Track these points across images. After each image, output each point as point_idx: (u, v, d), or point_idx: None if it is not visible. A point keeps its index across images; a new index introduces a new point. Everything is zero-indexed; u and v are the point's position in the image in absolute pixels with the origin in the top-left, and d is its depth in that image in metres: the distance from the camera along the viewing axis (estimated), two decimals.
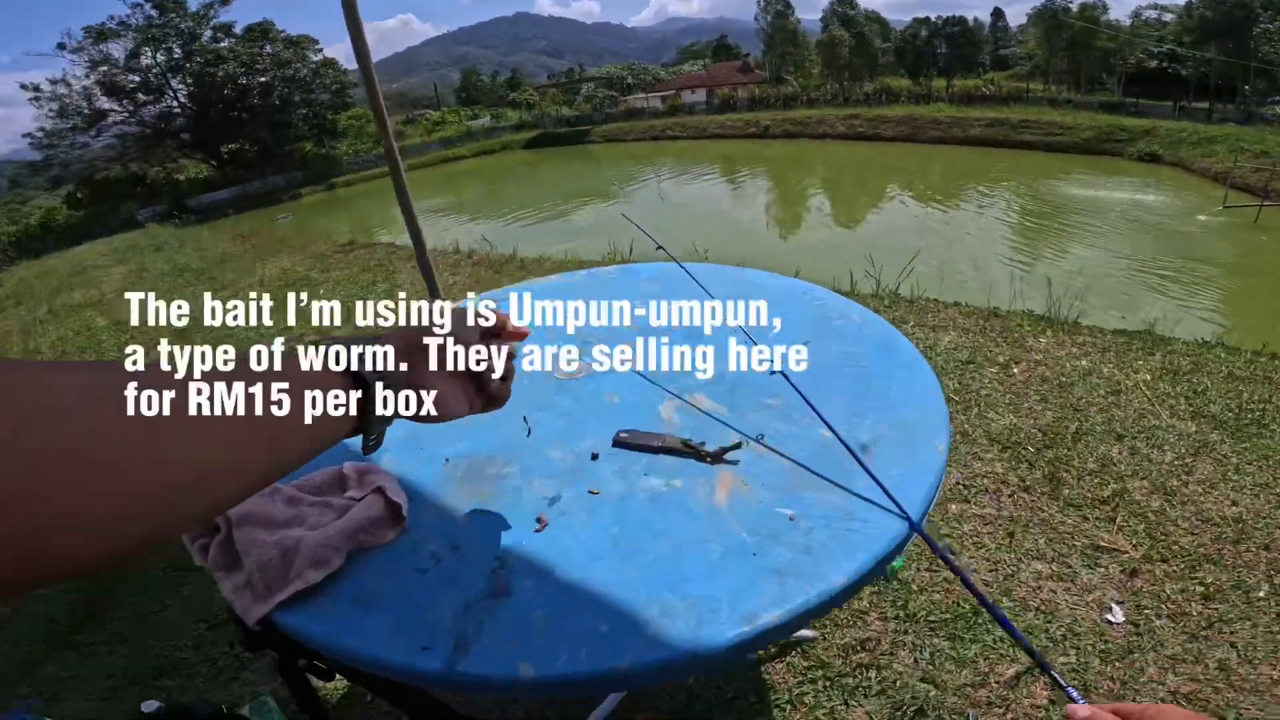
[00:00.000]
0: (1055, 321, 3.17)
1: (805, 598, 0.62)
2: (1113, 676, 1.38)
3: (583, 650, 0.59)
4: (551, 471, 0.82)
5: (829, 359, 1.03)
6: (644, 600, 0.63)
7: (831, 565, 0.65)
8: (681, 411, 0.92)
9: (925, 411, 0.90)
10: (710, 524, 0.71)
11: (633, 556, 0.68)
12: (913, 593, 1.62)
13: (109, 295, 7.09)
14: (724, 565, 0.66)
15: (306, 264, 6.44)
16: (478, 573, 0.68)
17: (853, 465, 0.78)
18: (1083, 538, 1.77)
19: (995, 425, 2.26)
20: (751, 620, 0.60)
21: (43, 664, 1.82)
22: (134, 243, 10.92)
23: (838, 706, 1.40)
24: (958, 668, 1.44)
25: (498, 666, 0.58)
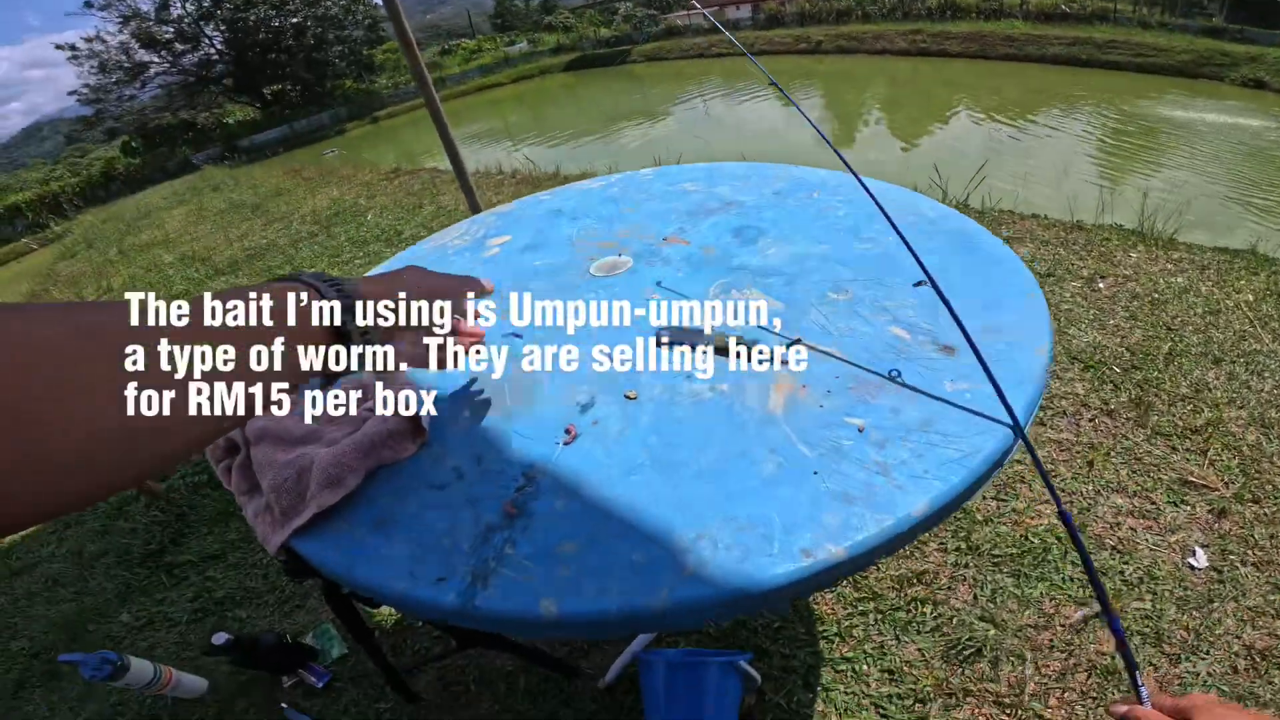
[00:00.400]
0: (1147, 237, 2.86)
1: (878, 529, 0.51)
2: (1187, 626, 1.26)
3: (613, 585, 0.51)
4: (584, 376, 0.72)
5: (892, 260, 0.88)
6: (684, 525, 0.53)
7: (914, 487, 0.54)
8: (734, 304, 0.80)
9: (1020, 313, 0.76)
10: (762, 435, 0.60)
11: (672, 471, 0.58)
12: (976, 523, 1.50)
13: (173, 234, 7.36)
14: (778, 486, 0.56)
15: (354, 192, 6.47)
16: (501, 491, 0.60)
17: (936, 370, 0.66)
18: (1170, 471, 1.61)
19: (1076, 342, 2.06)
20: (811, 554, 0.50)
21: (138, 594, 1.92)
22: (192, 185, 11.20)
23: (889, 641, 1.32)
24: (1020, 607, 1.34)
25: (518, 602, 0.51)
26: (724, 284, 0.86)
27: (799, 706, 1.26)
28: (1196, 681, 1.15)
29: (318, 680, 1.49)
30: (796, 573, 0.49)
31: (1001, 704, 1.19)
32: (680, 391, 0.67)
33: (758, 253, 0.93)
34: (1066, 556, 1.41)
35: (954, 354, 0.70)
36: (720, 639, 1.37)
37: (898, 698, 1.23)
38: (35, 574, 2.13)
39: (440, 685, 1.43)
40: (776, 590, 0.49)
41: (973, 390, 0.65)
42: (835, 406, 0.63)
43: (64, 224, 13.37)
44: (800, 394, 0.64)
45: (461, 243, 1.18)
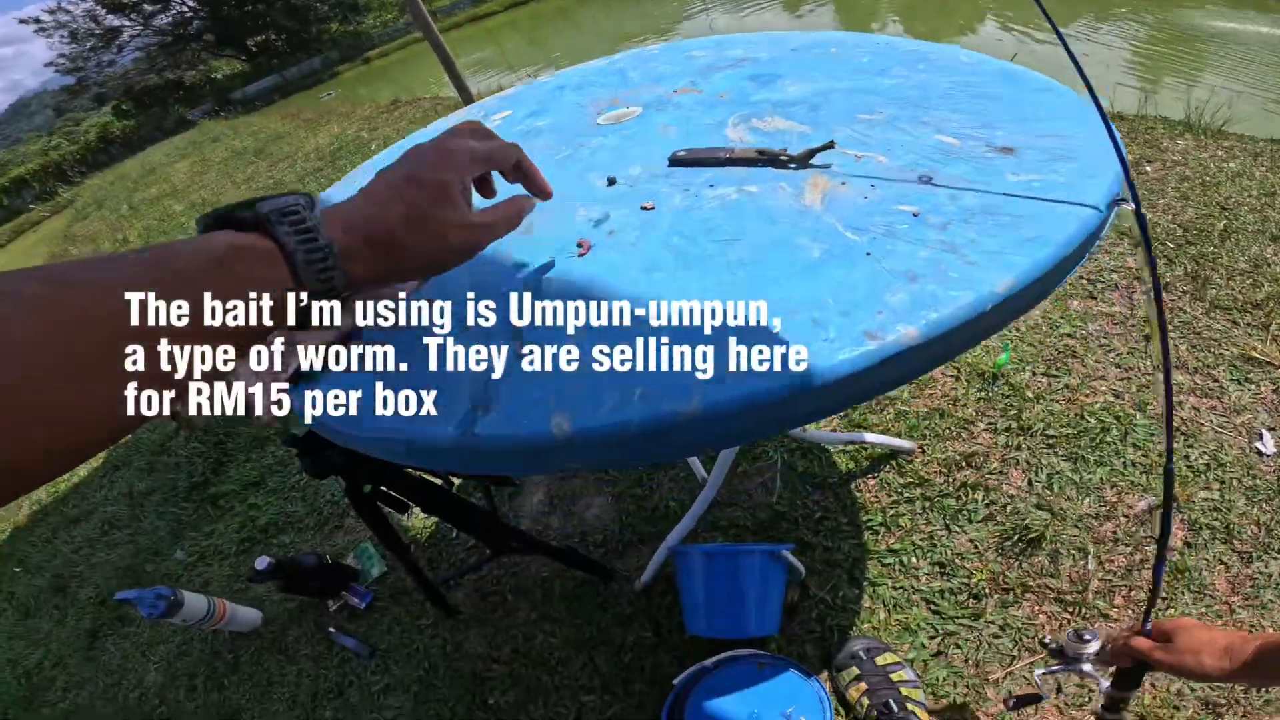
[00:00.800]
0: (1194, 127, 2.67)
1: (954, 307, 0.43)
2: (1258, 521, 1.16)
3: (635, 391, 0.43)
4: (595, 198, 0.65)
5: (930, 87, 0.78)
6: (717, 314, 0.46)
7: (991, 264, 0.46)
8: (754, 132, 0.72)
9: (1080, 125, 0.66)
10: (800, 226, 0.53)
11: (700, 264, 0.51)
12: (1026, 400, 1.41)
13: (180, 186, 7.42)
14: (826, 269, 0.48)
15: (356, 127, 6.36)
16: (505, 310, 0.54)
17: (996, 166, 0.57)
18: (1231, 346, 1.49)
19: (1124, 220, 1.93)
20: (876, 337, 0.42)
21: (188, 529, 1.96)
22: (191, 139, 11.15)
23: (938, 531, 1.26)
24: (1079, 495, 1.25)
25: (524, 424, 0.44)
26: (743, 114, 0.78)
27: (845, 602, 1.21)
28: (1270, 584, 1.07)
29: (360, 601, 1.49)
30: (860, 359, 0.41)
31: (1063, 601, 1.11)
32: (703, 197, 0.59)
33: (777, 91, 0.84)
34: (1127, 438, 1.32)
35: (1013, 154, 0.62)
36: (758, 533, 1.33)
37: (950, 593, 1.17)
38: (92, 520, 2.20)
39: (478, 597, 1.42)
40: (837, 383, 0.41)
41: (1041, 180, 0.56)
42: (882, 197, 0.55)
43: (72, 189, 13.54)
44: (840, 190, 0.56)
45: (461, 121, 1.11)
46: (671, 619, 1.24)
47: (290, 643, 1.50)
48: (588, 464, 0.47)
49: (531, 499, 1.60)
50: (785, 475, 1.42)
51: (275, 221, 0.34)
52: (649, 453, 0.45)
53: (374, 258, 0.39)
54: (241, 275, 0.32)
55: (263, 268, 0.34)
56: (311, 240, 0.35)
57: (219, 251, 0.32)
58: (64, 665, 1.74)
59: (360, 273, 0.38)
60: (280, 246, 0.34)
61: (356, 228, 0.38)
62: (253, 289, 0.32)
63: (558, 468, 0.47)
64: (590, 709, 1.18)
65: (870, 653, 1.08)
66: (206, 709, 1.46)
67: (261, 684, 1.46)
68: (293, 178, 5.46)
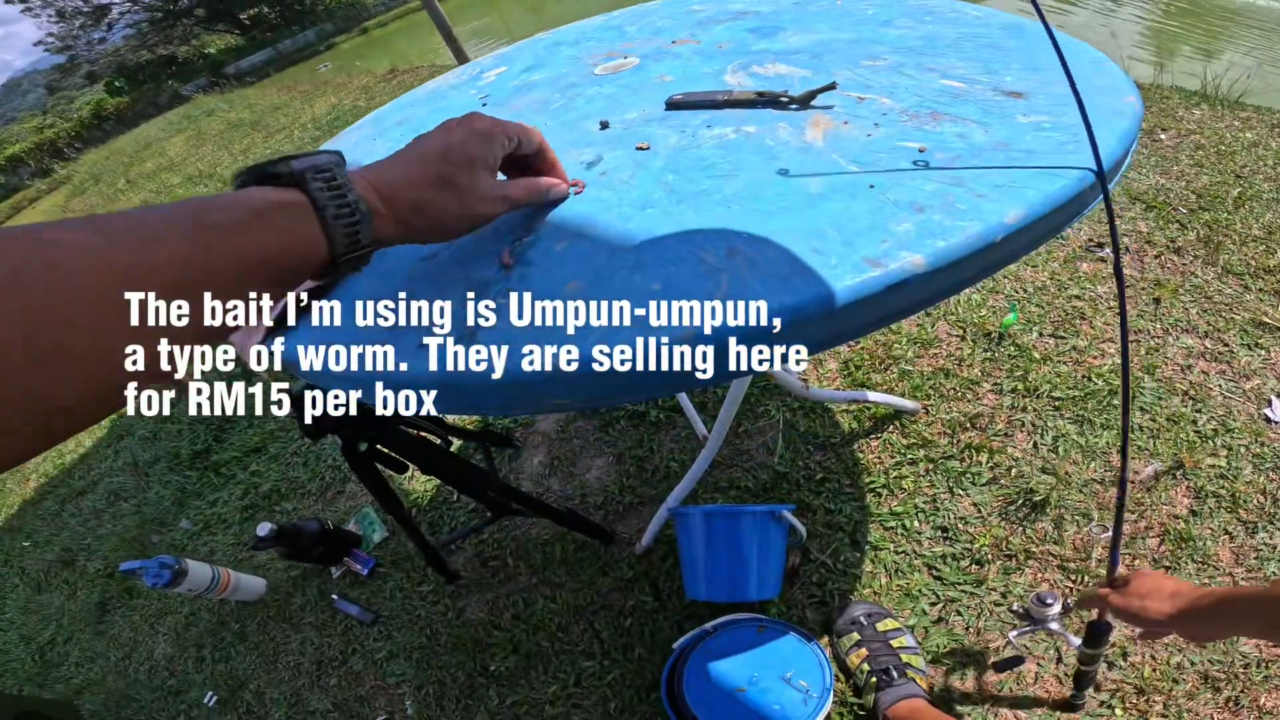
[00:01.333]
0: (1210, 97, 2.61)
1: (963, 236, 0.41)
2: (1265, 490, 1.13)
3: (624, 319, 0.42)
4: (589, 141, 0.63)
5: (937, 38, 0.75)
6: (712, 242, 0.44)
7: (999, 196, 0.44)
8: (754, 77, 0.69)
9: (1093, 74, 0.63)
10: (801, 161, 0.50)
11: (695, 200, 0.49)
12: (1033, 362, 1.39)
13: (176, 159, 7.35)
14: (827, 200, 0.46)
15: (353, 97, 6.32)
16: (495, 247, 0.52)
17: (1004, 109, 0.55)
18: (1243, 310, 1.46)
19: (1138, 185, 1.89)
20: (879, 264, 0.40)
21: (192, 497, 1.97)
22: (186, 114, 11.03)
23: (941, 494, 1.25)
24: (1085, 459, 1.23)
25: (511, 356, 0.43)
26: (742, 62, 0.75)
27: (846, 566, 1.20)
28: (1275, 556, 1.05)
29: (363, 568, 1.50)
30: (863, 287, 0.39)
31: (1066, 568, 1.10)
32: (700, 136, 0.57)
33: (778, 41, 0.81)
34: (1134, 402, 1.30)
35: (1023, 98, 0.59)
36: (759, 494, 1.32)
37: (952, 558, 1.16)
38: (99, 490, 2.22)
39: (478, 562, 1.42)
40: (838, 312, 0.40)
41: (1053, 121, 0.54)
42: (886, 135, 0.52)
43: (68, 165, 13.53)
44: (843, 128, 0.54)
45: (457, 80, 1.08)
46: (672, 583, 1.24)
47: (294, 611, 1.52)
48: (573, 403, 0.45)
49: (532, 460, 1.59)
50: (787, 435, 1.41)
51: (310, 178, 0.36)
52: (645, 386, 0.44)
53: (398, 218, 0.41)
54: (278, 227, 0.34)
55: (296, 221, 0.35)
56: (341, 197, 0.37)
57: (256, 205, 0.34)
58: (76, 640, 1.77)
59: (385, 230, 0.40)
60: (313, 201, 0.36)
61: (386, 188, 0.40)
62: (286, 241, 0.35)
63: (537, 408, 0.45)
64: (590, 674, 1.19)
65: (871, 618, 1.08)
66: (215, 679, 1.48)
67: (268, 654, 1.47)
68: (290, 148, 5.42)
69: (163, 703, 1.50)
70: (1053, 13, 5.95)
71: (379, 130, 0.94)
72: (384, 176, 0.41)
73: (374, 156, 0.83)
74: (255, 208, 0.34)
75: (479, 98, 0.90)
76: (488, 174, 0.45)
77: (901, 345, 1.53)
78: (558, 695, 1.18)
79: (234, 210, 0.33)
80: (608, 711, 1.14)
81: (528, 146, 0.49)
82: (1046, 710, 0.98)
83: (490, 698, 1.22)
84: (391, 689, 1.31)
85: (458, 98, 0.96)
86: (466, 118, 0.46)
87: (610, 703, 1.14)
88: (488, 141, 0.45)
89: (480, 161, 0.44)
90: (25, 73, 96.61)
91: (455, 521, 1.52)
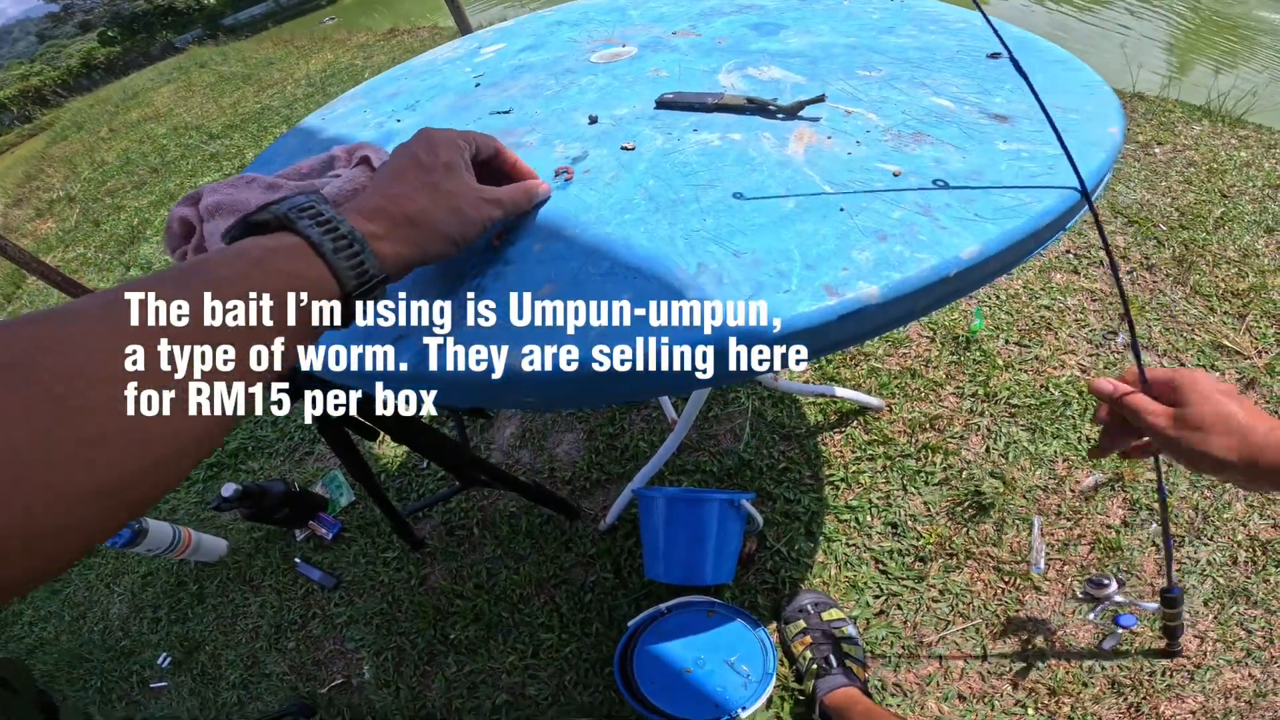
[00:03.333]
0: (1213, 113, 2.64)
1: (919, 269, 0.43)
2: (1196, 506, 1.19)
3: (591, 330, 0.43)
4: (576, 135, 0.63)
5: (937, 49, 0.76)
6: (683, 259, 0.45)
7: (961, 229, 0.45)
8: (748, 79, 0.69)
9: (1083, 98, 0.64)
10: (778, 176, 0.51)
11: (672, 210, 0.49)
12: (996, 368, 1.44)
13: (163, 110, 7.16)
14: (796, 222, 0.47)
15: (350, 55, 6.22)
16: (474, 245, 0.52)
17: (986, 133, 0.56)
18: (1205, 332, 1.51)
19: (1123, 199, 1.93)
20: (836, 293, 0.42)
21: None
22: (177, 65, 10.83)
23: (895, 491, 1.29)
24: (1033, 465, 1.28)
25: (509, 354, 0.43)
26: (738, 62, 0.75)
27: (799, 555, 1.25)
28: (1196, 569, 1.11)
29: (328, 532, 1.50)
30: (819, 314, 0.41)
31: (1001, 570, 1.16)
32: (685, 140, 0.57)
33: (777, 41, 0.81)
34: (1085, 414, 1.35)
35: (1007, 122, 0.60)
36: (723, 480, 1.35)
37: (899, 553, 1.21)
38: None
39: (444, 530, 1.44)
40: (794, 335, 0.41)
41: (1030, 151, 0.55)
42: (866, 155, 0.53)
43: (51, 113, 13.05)
44: (825, 143, 0.55)
45: (453, 54, 1.06)
46: (632, 561, 1.28)
47: (255, 573, 1.52)
48: (538, 403, 0.46)
49: (504, 432, 1.61)
50: (754, 423, 1.44)
51: (295, 218, 0.35)
52: (599, 392, 0.45)
53: (395, 236, 0.39)
54: (282, 270, 0.33)
55: (298, 261, 0.34)
56: (334, 229, 0.35)
57: (253, 254, 0.32)
58: (30, 599, 1.75)
59: (389, 252, 0.39)
60: (307, 240, 0.34)
61: (372, 211, 0.39)
62: (292, 284, 0.32)
63: (506, 405, 0.46)
64: (548, 646, 1.22)
65: (818, 607, 1.13)
66: (169, 641, 1.48)
67: (226, 616, 1.47)
68: (280, 103, 5.28)
69: (115, 663, 1.50)
70: (1074, 18, 5.91)
71: (370, 102, 0.92)
72: (366, 203, 0.40)
73: (366, 129, 0.83)
74: (253, 257, 0.32)
75: (474, 76, 0.88)
76: (469, 176, 0.45)
77: (873, 342, 1.56)
78: (515, 665, 1.21)
79: (234, 263, 0.31)
80: (563, 683, 1.18)
81: (485, 150, 0.49)
82: (966, 705, 1.04)
83: (448, 665, 1.25)
84: (350, 654, 1.33)
85: (452, 73, 0.94)
86: (420, 133, 0.45)
87: (566, 675, 1.18)
88: (452, 146, 0.45)
89: (456, 165, 0.44)
90: (17, 20, 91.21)
91: (423, 489, 1.54)
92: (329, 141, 0.84)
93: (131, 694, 1.44)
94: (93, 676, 1.50)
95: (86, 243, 4.09)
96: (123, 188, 4.87)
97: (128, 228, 3.98)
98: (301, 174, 0.69)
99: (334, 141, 0.83)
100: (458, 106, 0.81)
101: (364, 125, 0.85)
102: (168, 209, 4.03)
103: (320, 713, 1.27)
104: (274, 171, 0.77)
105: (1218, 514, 1.17)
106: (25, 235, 4.88)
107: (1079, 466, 1.28)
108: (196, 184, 4.19)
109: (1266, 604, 1.06)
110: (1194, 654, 1.03)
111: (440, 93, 0.87)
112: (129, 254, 3.63)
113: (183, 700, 1.38)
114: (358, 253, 0.36)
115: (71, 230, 4.48)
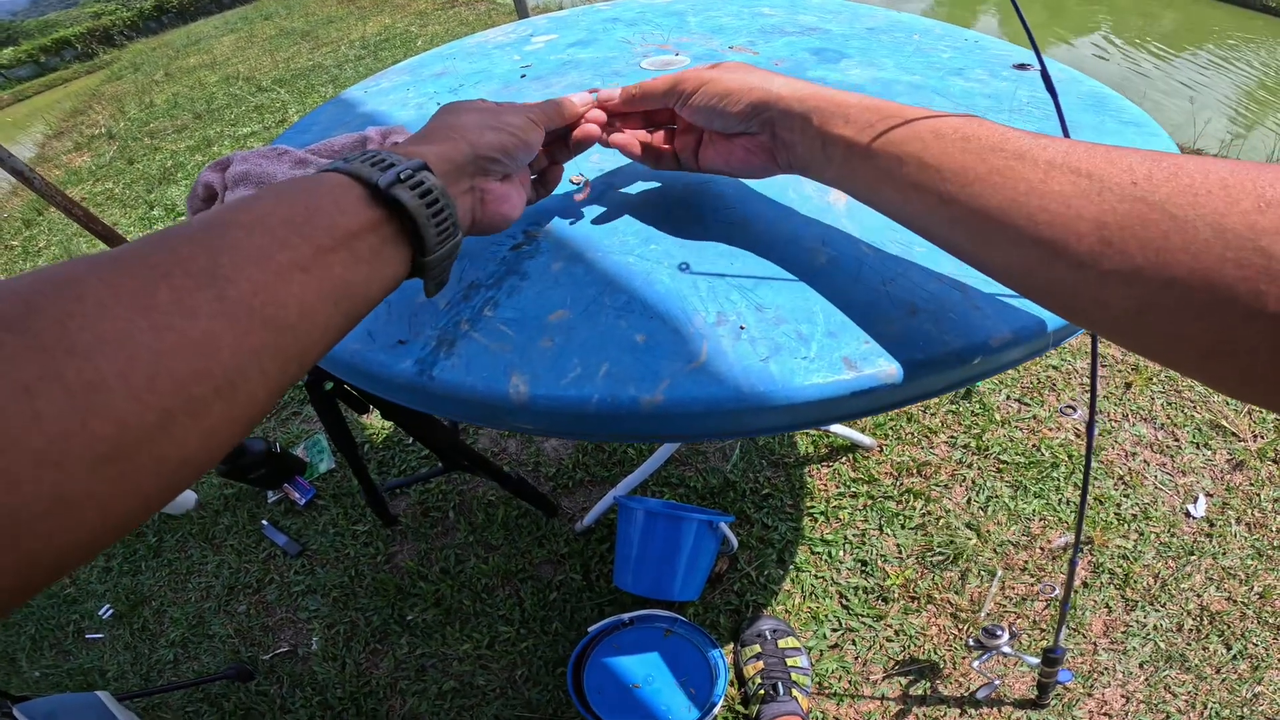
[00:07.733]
0: None
1: (940, 351, 0.40)
2: (1158, 574, 1.20)
3: (601, 367, 0.41)
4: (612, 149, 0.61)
5: (1006, 98, 0.73)
6: (704, 302, 0.43)
7: (994, 311, 0.43)
8: None
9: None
10: (815, 224, 0.49)
11: (699, 247, 0.48)
12: (993, 423, 1.44)
13: (219, 59, 7.31)
14: (828, 276, 0.45)
15: (407, 20, 6.32)
16: (495, 247, 0.50)
17: None
18: (1205, 410, 1.51)
19: None
20: (855, 367, 0.40)
21: None
22: (244, 14, 10.92)
23: (871, 530, 1.29)
24: (1009, 521, 1.29)
25: (483, 376, 0.42)
26: None
27: (768, 581, 1.24)
28: (1140, 632, 1.13)
29: (301, 497, 1.48)
30: (833, 388, 0.39)
31: (957, 617, 1.17)
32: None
33: (837, 71, 0.78)
34: (1070, 478, 1.35)
35: None
36: (706, 498, 1.35)
37: (863, 591, 1.21)
38: None
39: (420, 511, 1.42)
40: (804, 405, 0.39)
41: None
42: None
43: (113, 53, 13.02)
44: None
45: (504, 39, 1.03)
46: (603, 566, 1.27)
47: (219, 532, 1.50)
48: (535, 431, 0.45)
49: None
50: (745, 446, 1.43)
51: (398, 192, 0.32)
52: (599, 431, 0.43)
53: (437, 137, 0.39)
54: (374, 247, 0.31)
55: (390, 243, 0.32)
56: (381, 160, 0.33)
57: (352, 229, 0.30)
58: None
59: (432, 153, 0.36)
60: (402, 211, 0.32)
61: (406, 142, 0.38)
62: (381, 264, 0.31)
63: (502, 426, 0.45)
64: (505, 639, 1.21)
65: (775, 634, 1.13)
66: (115, 593, 1.45)
67: (180, 572, 1.45)
68: (331, 63, 5.38)
69: (55, 611, 1.47)
70: (1151, 61, 5.80)
71: (415, 80, 0.91)
72: (429, 154, 0.37)
73: (405, 108, 0.81)
74: (351, 230, 0.30)
75: (521, 65, 0.87)
76: (505, 108, 0.44)
77: None
78: (469, 654, 1.20)
79: (333, 231, 0.29)
80: (513, 678, 1.17)
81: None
82: None
83: (400, 645, 1.23)
84: (302, 624, 1.31)
85: (501, 59, 0.92)
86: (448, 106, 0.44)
87: (518, 669, 1.17)
88: (472, 105, 0.43)
89: (476, 106, 0.43)
90: None
91: (405, 465, 1.52)
92: (367, 115, 0.83)
93: (64, 643, 1.41)
94: (28, 623, 1.47)
95: (117, 179, 4.12)
96: (164, 130, 4.89)
97: (161, 168, 4.01)
98: (333, 150, 0.67)
99: (372, 116, 0.82)
100: (500, 95, 0.79)
101: (404, 104, 0.83)
102: (203, 154, 4.02)
103: (259, 679, 1.25)
104: (307, 142, 0.75)
105: (1177, 583, 1.19)
106: (58, 166, 4.93)
107: (1054, 526, 1.28)
108: (237, 133, 4.23)
109: (1199, 670, 1.08)
110: (1116, 713, 1.05)
111: (485, 78, 0.86)
112: (156, 193, 3.64)
113: (116, 654, 1.36)
114: (392, 164, 0.33)
115: (105, 166, 4.49)
